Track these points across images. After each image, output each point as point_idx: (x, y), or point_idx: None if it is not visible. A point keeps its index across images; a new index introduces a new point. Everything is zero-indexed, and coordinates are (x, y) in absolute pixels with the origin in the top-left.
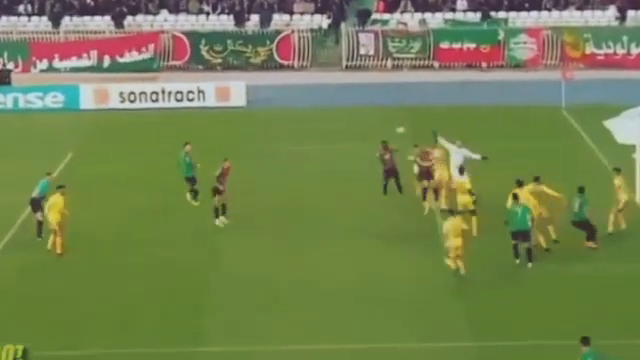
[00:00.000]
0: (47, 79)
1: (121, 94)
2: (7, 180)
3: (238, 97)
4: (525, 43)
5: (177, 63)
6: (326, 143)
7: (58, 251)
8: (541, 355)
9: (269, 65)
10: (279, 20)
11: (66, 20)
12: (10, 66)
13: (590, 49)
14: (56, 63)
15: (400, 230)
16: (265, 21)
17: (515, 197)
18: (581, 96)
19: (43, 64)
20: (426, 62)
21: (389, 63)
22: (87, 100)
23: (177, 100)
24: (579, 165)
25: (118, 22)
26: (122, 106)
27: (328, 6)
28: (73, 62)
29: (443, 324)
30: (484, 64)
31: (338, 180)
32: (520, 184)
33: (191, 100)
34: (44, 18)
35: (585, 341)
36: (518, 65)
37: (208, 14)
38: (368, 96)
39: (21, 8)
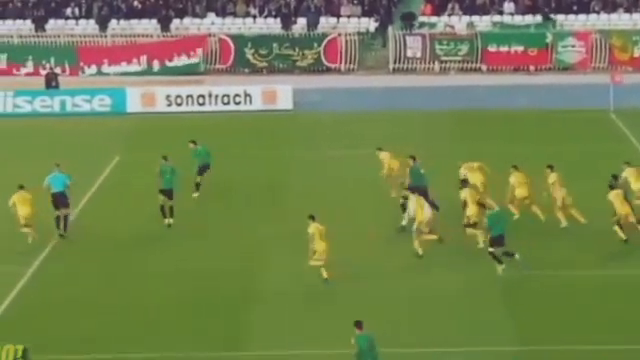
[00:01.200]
0: (94, 82)
1: (168, 97)
2: None
3: (285, 100)
4: (573, 46)
5: (223, 66)
6: (371, 148)
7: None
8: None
9: (316, 68)
10: (326, 23)
11: (113, 23)
12: (57, 70)
13: (639, 52)
14: (105, 68)
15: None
16: (312, 24)
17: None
18: (630, 99)
19: (92, 69)
20: (474, 65)
21: (436, 66)
22: (134, 103)
23: (224, 103)
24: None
25: (165, 25)
26: (169, 109)
27: (375, 9)
28: (122, 67)
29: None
30: (532, 67)
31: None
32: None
33: (238, 103)
34: (91, 21)
35: (358, 325)
36: (566, 68)
37: (255, 17)
38: (415, 100)
39: (68, 11)
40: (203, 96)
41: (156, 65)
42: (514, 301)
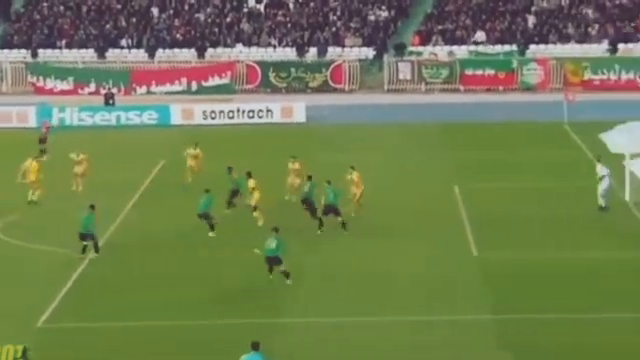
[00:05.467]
0: (144, 100)
1: (204, 112)
2: (111, 184)
3: (299, 115)
4: (535, 70)
5: (250, 87)
6: (370, 153)
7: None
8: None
9: (324, 88)
10: (333, 52)
11: (159, 52)
12: (114, 90)
13: (588, 75)
14: (153, 88)
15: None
16: (322, 52)
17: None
18: (580, 114)
19: (142, 89)
20: (453, 86)
21: (423, 87)
22: (176, 117)
23: (249, 117)
24: (578, 170)
25: (201, 53)
26: (205, 122)
27: (373, 40)
28: (167, 87)
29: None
30: (501, 87)
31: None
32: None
33: (260, 117)
34: (142, 50)
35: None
36: (529, 88)
37: (275, 47)
38: (406, 114)
39: (123, 42)
40: (233, 111)
41: (194, 86)
42: (491, 276)
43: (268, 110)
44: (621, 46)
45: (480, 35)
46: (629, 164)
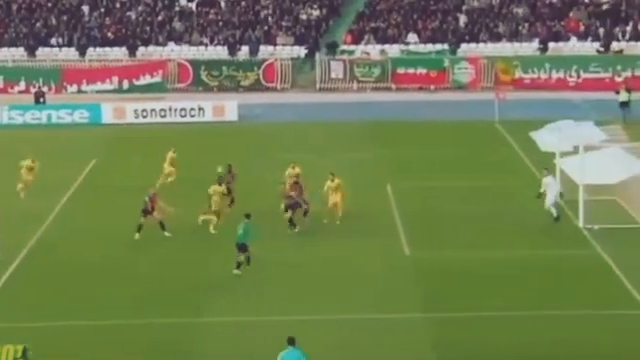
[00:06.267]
0: (75, 99)
1: (135, 111)
2: (42, 183)
3: (231, 113)
4: (466, 69)
5: (181, 85)
6: (303, 152)
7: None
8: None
9: (257, 87)
10: (265, 50)
11: (90, 50)
12: (45, 89)
13: (519, 74)
14: (84, 87)
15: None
16: (253, 51)
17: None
18: (511, 113)
19: (73, 88)
20: (385, 84)
21: (355, 85)
22: (108, 116)
23: (181, 116)
24: (509, 168)
25: (132, 52)
26: (136, 121)
27: (305, 39)
28: (98, 86)
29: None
30: (433, 86)
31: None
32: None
33: (193, 116)
34: (72, 49)
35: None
36: (460, 87)
37: (207, 45)
38: (338, 113)
39: (54, 40)
40: (164, 110)
41: (125, 84)
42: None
43: (200, 109)
44: (551, 45)
45: (412, 37)
46: (559, 162)
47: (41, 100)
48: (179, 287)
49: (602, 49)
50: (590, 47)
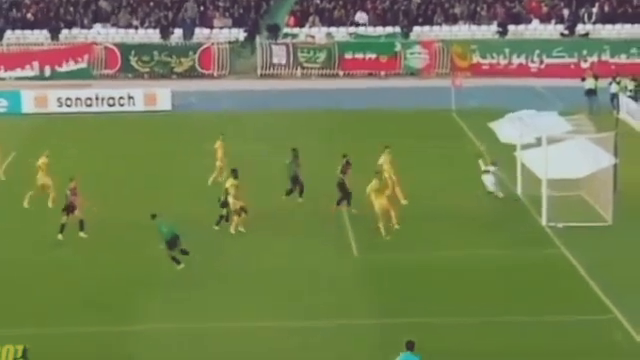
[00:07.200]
0: None
1: (59, 99)
2: None
3: (164, 102)
4: (419, 54)
5: (109, 72)
6: (240, 144)
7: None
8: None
9: (191, 74)
10: (200, 33)
11: (8, 33)
12: None
13: (476, 59)
14: (1, 73)
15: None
16: (188, 34)
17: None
18: (468, 101)
19: None
20: (332, 71)
21: (299, 72)
22: (28, 105)
23: (109, 105)
24: (465, 161)
25: (54, 35)
26: (60, 110)
27: (244, 21)
28: (17, 72)
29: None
30: (383, 72)
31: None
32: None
33: (122, 105)
34: None
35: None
36: (413, 73)
37: (137, 28)
38: (280, 101)
39: None
40: (91, 98)
41: (47, 70)
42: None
43: (130, 97)
44: (511, 28)
45: (361, 16)
46: (520, 155)
47: None
48: (112, 291)
49: (566, 32)
50: (553, 30)
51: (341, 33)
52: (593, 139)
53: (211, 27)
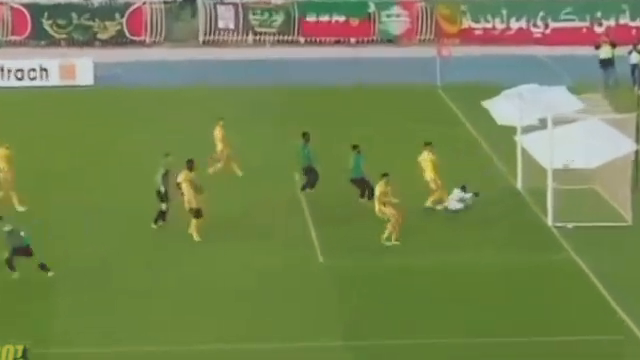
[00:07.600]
0: None
1: None
2: None
3: (85, 75)
4: (398, 16)
5: (17, 38)
6: (180, 129)
7: None
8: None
9: (118, 41)
10: None
11: None
12: None
13: (467, 23)
14: None
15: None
16: None
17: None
18: (458, 74)
19: None
20: (290, 37)
21: (250, 38)
22: None
23: (17, 79)
24: (456, 147)
25: None
26: None
27: None
28: None
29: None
30: (353, 39)
31: None
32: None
33: (33, 79)
34: None
35: None
36: (390, 40)
37: None
38: (228, 74)
39: None
40: None
41: None
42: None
43: (42, 69)
44: None
45: None
46: (521, 140)
47: None
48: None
49: None
50: None
51: None
52: (609, 120)
53: None
